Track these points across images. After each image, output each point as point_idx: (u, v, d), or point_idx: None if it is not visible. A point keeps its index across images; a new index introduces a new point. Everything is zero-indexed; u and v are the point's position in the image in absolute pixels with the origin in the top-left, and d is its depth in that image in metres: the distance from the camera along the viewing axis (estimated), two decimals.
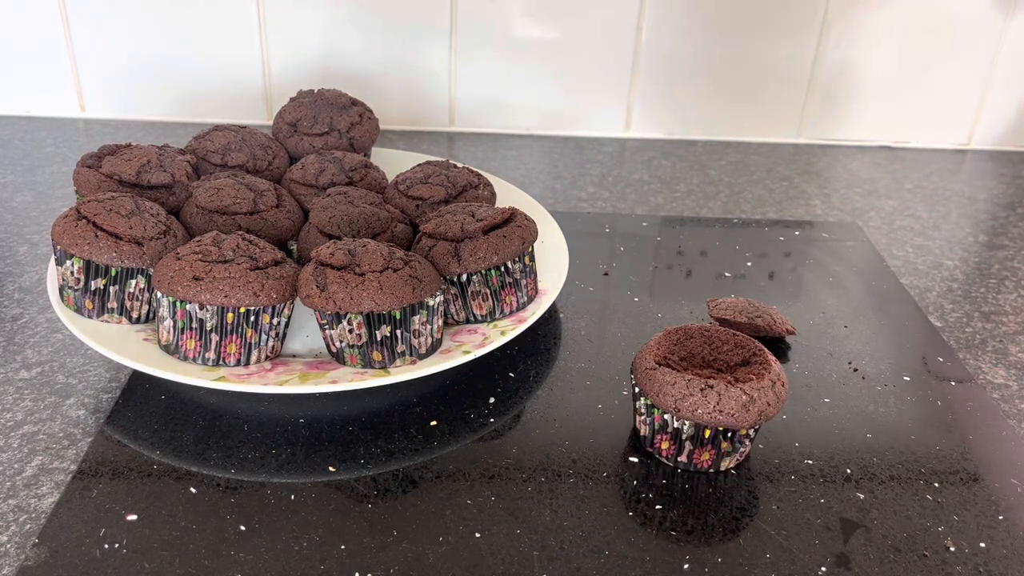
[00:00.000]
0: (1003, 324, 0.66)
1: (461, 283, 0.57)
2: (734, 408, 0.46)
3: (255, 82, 0.96)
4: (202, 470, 0.48)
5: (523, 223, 0.59)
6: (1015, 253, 0.78)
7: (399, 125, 0.99)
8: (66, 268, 0.54)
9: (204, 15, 0.92)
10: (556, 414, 0.53)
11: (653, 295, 0.67)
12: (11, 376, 0.55)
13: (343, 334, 0.52)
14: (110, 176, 0.61)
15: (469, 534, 0.44)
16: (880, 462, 0.50)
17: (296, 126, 0.73)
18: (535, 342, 0.60)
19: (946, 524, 0.46)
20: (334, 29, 0.93)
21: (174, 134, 0.94)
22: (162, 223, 0.56)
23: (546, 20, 0.93)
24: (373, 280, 0.51)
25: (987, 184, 0.92)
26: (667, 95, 0.98)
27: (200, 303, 0.51)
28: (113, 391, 0.54)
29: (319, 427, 0.51)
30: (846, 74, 0.96)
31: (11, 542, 0.43)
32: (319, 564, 0.42)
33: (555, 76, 0.96)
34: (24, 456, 0.49)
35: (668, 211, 0.82)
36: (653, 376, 0.48)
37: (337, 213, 0.59)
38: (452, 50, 0.94)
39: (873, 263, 0.74)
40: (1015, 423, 0.55)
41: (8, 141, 0.91)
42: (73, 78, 0.95)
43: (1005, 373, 0.60)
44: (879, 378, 0.58)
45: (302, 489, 0.47)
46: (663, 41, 0.94)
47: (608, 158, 0.94)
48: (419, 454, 0.50)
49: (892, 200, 0.87)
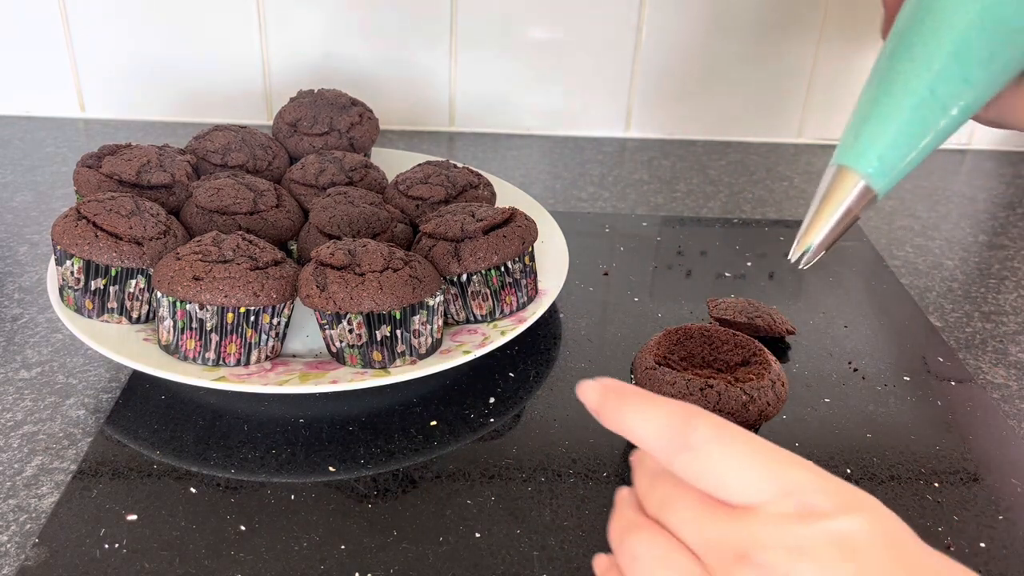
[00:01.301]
0: (1003, 324, 0.66)
1: (461, 283, 0.57)
2: (734, 408, 0.46)
3: (255, 82, 0.96)
4: (202, 470, 0.48)
5: (523, 223, 0.59)
6: (1015, 253, 0.78)
7: (399, 125, 0.99)
8: (66, 268, 0.54)
9: (204, 15, 0.92)
10: (556, 414, 0.53)
11: (653, 295, 0.67)
12: (11, 376, 0.55)
13: (343, 334, 0.52)
14: (110, 176, 0.61)
15: (469, 534, 0.44)
16: (880, 462, 0.50)
17: (296, 126, 0.73)
18: (535, 342, 0.60)
19: (946, 524, 0.46)
20: (334, 29, 0.93)
21: (174, 134, 0.94)
22: (162, 223, 0.56)
23: (546, 20, 0.93)
24: (373, 280, 0.50)
25: (987, 184, 0.92)
26: (667, 95, 0.98)
27: (200, 303, 0.51)
28: (113, 391, 0.54)
29: (319, 427, 0.51)
30: (846, 74, 0.96)
31: (11, 542, 0.43)
32: (319, 564, 0.42)
33: (555, 76, 0.96)
34: (24, 456, 0.49)
35: (668, 211, 0.82)
36: (653, 376, 0.48)
37: (337, 213, 0.59)
38: (452, 50, 0.94)
39: (873, 263, 0.74)
40: (1015, 423, 0.55)
41: (8, 141, 0.91)
42: (73, 78, 0.95)
43: (1005, 373, 0.60)
44: (879, 378, 0.58)
45: (302, 489, 0.47)
46: (663, 41, 0.94)
47: (608, 158, 0.94)
48: (419, 454, 0.50)
49: (892, 200, 0.87)
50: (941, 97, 0.38)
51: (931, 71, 0.38)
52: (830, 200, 0.40)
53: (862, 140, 0.39)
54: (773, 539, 0.31)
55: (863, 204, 0.40)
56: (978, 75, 0.38)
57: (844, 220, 0.40)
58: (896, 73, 0.39)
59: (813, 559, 0.30)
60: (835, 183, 0.40)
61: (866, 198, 0.40)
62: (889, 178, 0.40)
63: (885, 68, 0.40)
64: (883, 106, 0.39)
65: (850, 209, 0.40)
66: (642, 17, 0.93)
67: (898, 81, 0.39)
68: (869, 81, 0.40)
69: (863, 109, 0.40)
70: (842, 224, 0.40)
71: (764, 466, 0.33)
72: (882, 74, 0.40)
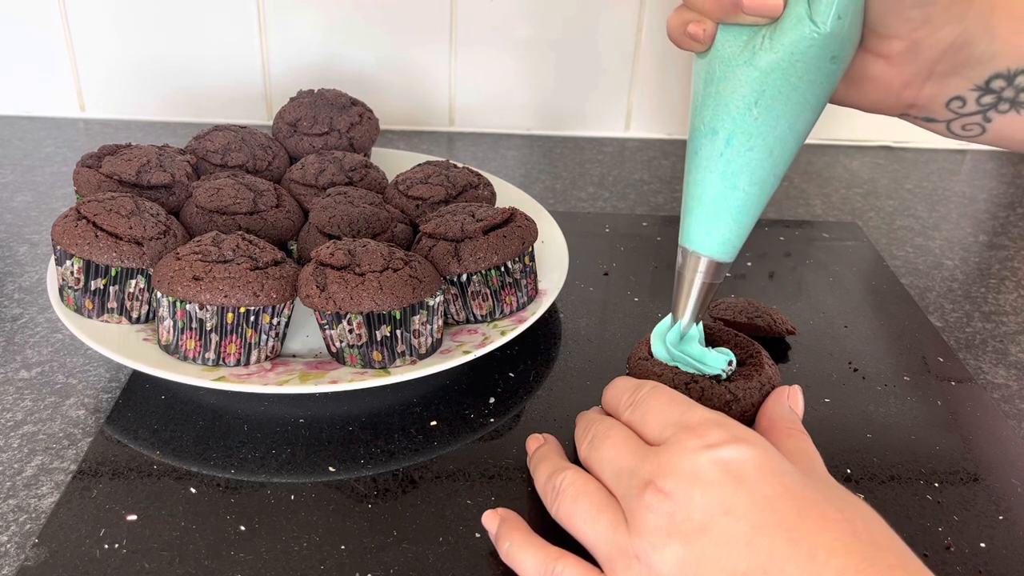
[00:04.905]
0: (1003, 324, 0.66)
1: (461, 283, 0.57)
2: (716, 405, 0.46)
3: (255, 82, 0.96)
4: (202, 470, 0.48)
5: (523, 223, 0.59)
6: (1015, 253, 0.78)
7: (399, 125, 0.99)
8: (66, 268, 0.54)
9: (204, 15, 0.92)
10: (556, 414, 0.53)
11: (653, 295, 0.67)
12: (11, 376, 0.55)
13: (343, 334, 0.52)
14: (110, 176, 0.61)
15: (469, 534, 0.44)
16: (880, 462, 0.50)
17: (296, 126, 0.73)
18: (535, 342, 0.60)
19: (946, 524, 0.46)
20: (334, 29, 0.93)
21: (174, 134, 0.94)
22: (162, 223, 0.56)
23: (546, 20, 0.93)
24: (373, 280, 0.51)
25: (987, 184, 0.92)
26: (667, 95, 0.98)
27: (200, 303, 0.51)
28: (113, 391, 0.54)
29: (319, 427, 0.51)
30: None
31: (11, 542, 0.43)
32: (319, 564, 0.42)
33: (555, 76, 0.96)
34: (24, 456, 0.49)
35: (668, 211, 0.82)
36: (644, 366, 0.49)
37: (337, 213, 0.59)
38: (452, 50, 0.94)
39: (873, 263, 0.74)
40: (1015, 423, 0.55)
41: (8, 141, 0.91)
42: (73, 78, 0.95)
43: (1005, 373, 0.60)
44: (879, 378, 0.58)
45: (302, 489, 0.47)
46: (663, 41, 0.94)
47: (608, 158, 0.94)
48: (419, 454, 0.50)
49: (892, 200, 0.87)
50: (731, 179, 0.43)
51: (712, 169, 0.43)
52: (684, 279, 0.47)
53: (690, 227, 0.45)
54: (672, 467, 0.37)
55: (717, 273, 0.46)
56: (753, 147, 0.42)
57: (703, 291, 0.46)
58: (691, 168, 0.44)
59: (706, 484, 0.36)
60: (686, 264, 0.46)
61: (719, 269, 0.46)
62: (727, 249, 0.45)
63: (688, 160, 0.45)
64: (692, 199, 0.45)
65: (705, 282, 0.46)
66: (642, 17, 0.93)
67: (693, 180, 0.44)
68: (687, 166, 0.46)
69: (685, 199, 0.45)
70: (703, 295, 0.46)
71: (675, 410, 0.40)
72: (686, 167, 0.45)
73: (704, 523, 0.35)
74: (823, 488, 0.37)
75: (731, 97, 0.41)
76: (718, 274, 0.46)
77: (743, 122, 0.41)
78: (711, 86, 0.42)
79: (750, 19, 0.39)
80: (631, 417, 0.42)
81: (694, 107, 0.43)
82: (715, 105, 0.42)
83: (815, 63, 0.39)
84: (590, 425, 0.43)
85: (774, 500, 0.35)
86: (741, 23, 0.40)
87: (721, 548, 0.35)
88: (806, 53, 0.39)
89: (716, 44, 0.41)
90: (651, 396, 0.42)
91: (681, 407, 0.41)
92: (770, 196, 0.44)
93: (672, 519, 0.36)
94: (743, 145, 0.41)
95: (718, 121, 0.42)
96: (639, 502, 0.37)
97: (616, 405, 0.44)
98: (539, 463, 0.45)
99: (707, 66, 0.42)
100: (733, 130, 0.41)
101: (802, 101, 0.40)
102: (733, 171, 0.42)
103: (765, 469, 0.37)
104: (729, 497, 0.35)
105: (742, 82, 0.40)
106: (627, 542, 0.37)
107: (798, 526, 0.34)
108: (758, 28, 0.40)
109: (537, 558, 0.39)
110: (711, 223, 0.44)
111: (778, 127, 0.41)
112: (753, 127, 0.41)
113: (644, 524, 0.36)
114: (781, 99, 0.40)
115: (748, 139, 0.41)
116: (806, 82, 0.40)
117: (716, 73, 0.41)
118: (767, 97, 0.40)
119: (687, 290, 0.46)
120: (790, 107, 0.40)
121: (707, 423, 0.39)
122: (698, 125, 0.43)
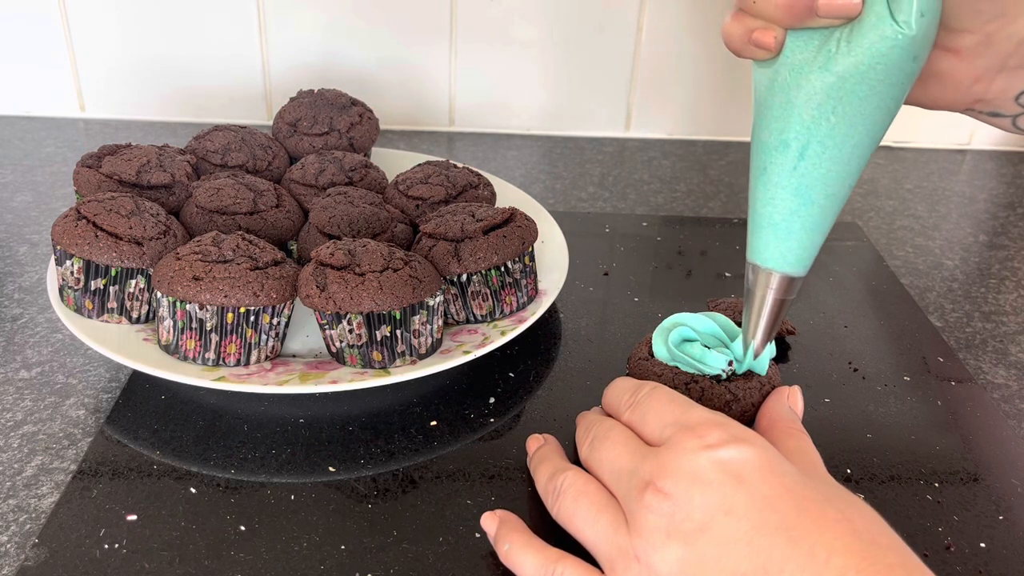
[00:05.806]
0: (1003, 324, 0.66)
1: (461, 283, 0.57)
2: (716, 405, 0.46)
3: (255, 82, 0.96)
4: (202, 470, 0.48)
5: (523, 223, 0.59)
6: (1015, 253, 0.78)
7: (399, 125, 0.99)
8: (66, 268, 0.54)
9: (204, 15, 0.92)
10: (556, 414, 0.53)
11: (653, 295, 0.67)
12: (11, 376, 0.55)
13: (343, 334, 0.52)
14: (110, 176, 0.61)
15: (469, 534, 0.44)
16: (880, 462, 0.50)
17: (296, 126, 0.73)
18: (535, 342, 0.60)
19: (946, 524, 0.46)
20: (334, 29, 0.93)
21: (174, 134, 0.94)
22: (162, 223, 0.56)
23: (546, 20, 0.93)
24: (373, 280, 0.51)
25: (987, 184, 0.92)
26: (667, 95, 0.98)
27: (200, 303, 0.51)
28: (113, 391, 0.54)
29: (319, 427, 0.51)
30: None
31: (11, 542, 0.43)
32: (319, 564, 0.42)
33: (555, 76, 0.96)
34: (24, 456, 0.49)
35: (668, 211, 0.82)
36: (644, 366, 0.49)
37: (337, 213, 0.59)
38: (452, 50, 0.94)
39: (873, 263, 0.74)
40: (1015, 423, 0.55)
41: (8, 141, 0.91)
42: (73, 78, 0.95)
43: (1005, 373, 0.60)
44: (879, 378, 0.58)
45: (302, 489, 0.47)
46: (663, 41, 0.94)
47: (608, 158, 0.94)
48: (419, 454, 0.50)
49: (892, 200, 0.87)
50: (806, 193, 0.40)
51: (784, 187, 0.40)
52: (755, 297, 0.44)
53: (759, 243, 0.42)
54: (672, 467, 0.37)
55: (790, 288, 0.43)
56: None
57: (775, 308, 0.43)
58: (757, 187, 0.42)
59: (706, 484, 0.36)
60: (757, 280, 0.43)
61: (792, 284, 0.43)
62: (801, 263, 0.42)
63: (753, 177, 0.42)
64: (762, 218, 0.42)
65: (778, 298, 0.43)
66: (642, 17, 0.93)
67: (760, 197, 0.42)
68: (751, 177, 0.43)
69: (752, 215, 0.43)
70: (776, 312, 0.44)
71: (675, 411, 0.40)
72: (752, 183, 0.42)
73: (704, 523, 0.35)
74: (823, 488, 0.37)
75: (804, 106, 0.38)
76: (791, 289, 0.43)
77: (818, 132, 0.38)
78: (779, 95, 0.39)
79: (825, 21, 0.37)
80: (631, 417, 0.42)
81: (757, 120, 0.41)
82: (785, 116, 0.39)
83: (896, 64, 0.37)
84: (590, 426, 0.43)
85: (774, 500, 0.35)
86: (815, 27, 0.37)
87: (721, 548, 0.35)
88: (888, 55, 0.36)
89: (784, 50, 0.39)
90: (651, 396, 0.42)
91: (681, 407, 0.41)
92: (843, 205, 0.41)
93: (672, 519, 0.36)
94: (818, 156, 0.39)
95: (790, 132, 0.39)
96: (639, 502, 0.37)
97: (616, 405, 0.44)
98: (540, 464, 0.45)
99: (773, 74, 0.39)
100: (808, 141, 0.39)
101: (881, 105, 0.38)
102: (808, 184, 0.40)
103: (765, 469, 0.37)
104: (729, 497, 0.36)
105: (816, 89, 0.38)
106: (627, 543, 0.37)
107: (798, 526, 0.34)
108: (832, 30, 0.37)
109: (537, 560, 0.39)
110: (783, 240, 0.41)
111: (855, 134, 0.39)
112: (829, 136, 0.38)
113: (644, 524, 0.36)
114: (859, 104, 0.38)
115: (824, 149, 0.39)
116: (886, 85, 0.37)
117: (785, 81, 0.39)
118: (844, 103, 0.38)
119: (758, 308, 0.43)
120: (868, 112, 0.38)
121: (707, 423, 0.39)
122: (765, 139, 0.40)
